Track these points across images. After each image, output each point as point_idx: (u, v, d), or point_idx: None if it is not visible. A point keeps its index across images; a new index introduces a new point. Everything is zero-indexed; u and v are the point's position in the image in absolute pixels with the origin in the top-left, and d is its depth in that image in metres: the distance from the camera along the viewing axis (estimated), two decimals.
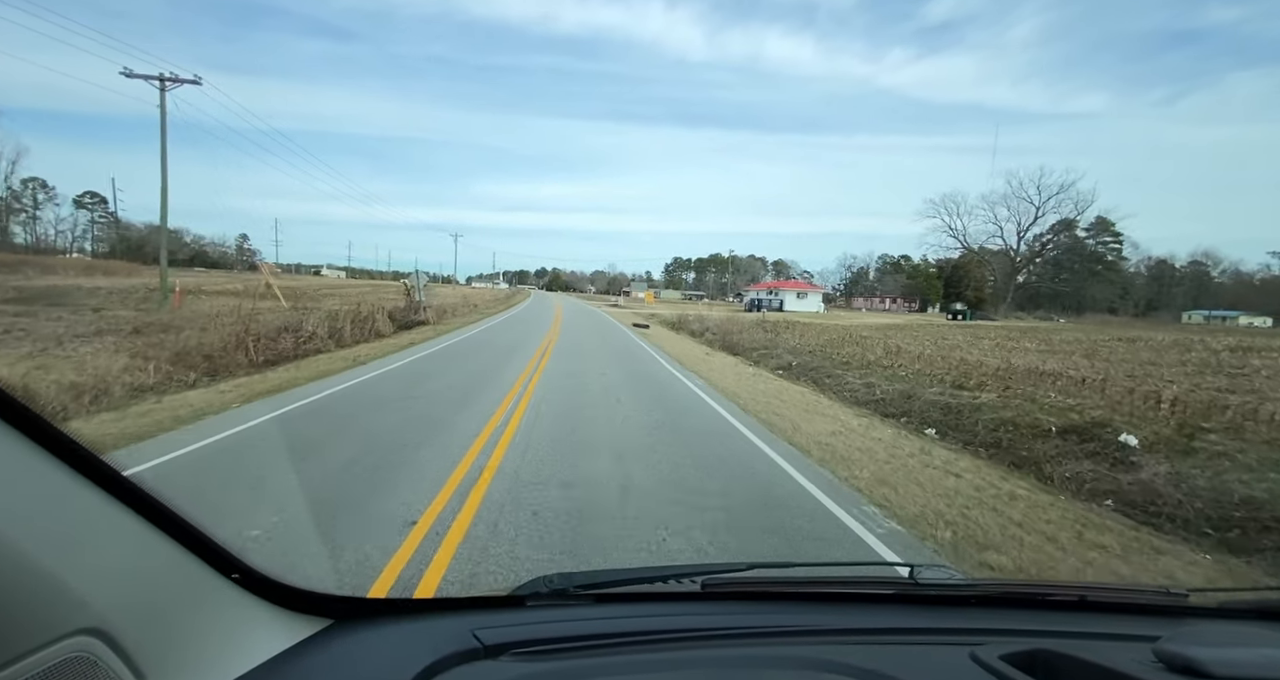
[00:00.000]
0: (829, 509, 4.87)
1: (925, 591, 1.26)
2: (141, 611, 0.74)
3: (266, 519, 3.91)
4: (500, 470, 5.31)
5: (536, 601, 1.18)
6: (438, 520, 4.11)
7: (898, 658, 1.02)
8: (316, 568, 3.39)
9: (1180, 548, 4.70)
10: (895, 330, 29.60)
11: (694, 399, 9.77)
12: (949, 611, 1.24)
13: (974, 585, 1.37)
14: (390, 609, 1.14)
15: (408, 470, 5.20)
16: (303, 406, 7.74)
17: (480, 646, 1.00)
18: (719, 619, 1.18)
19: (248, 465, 5.31)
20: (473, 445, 6.08)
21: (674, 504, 4.66)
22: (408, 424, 6.91)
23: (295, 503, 4.28)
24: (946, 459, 6.92)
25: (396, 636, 1.04)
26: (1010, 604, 1.29)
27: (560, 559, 3.61)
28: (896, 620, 1.20)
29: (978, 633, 1.11)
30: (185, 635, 0.80)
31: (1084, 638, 1.10)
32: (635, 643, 1.06)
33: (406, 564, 3.45)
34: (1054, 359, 16.60)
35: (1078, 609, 1.28)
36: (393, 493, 4.61)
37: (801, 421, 8.38)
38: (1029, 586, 1.57)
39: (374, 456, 5.54)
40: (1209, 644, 0.87)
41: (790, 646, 1.07)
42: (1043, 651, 0.96)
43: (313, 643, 0.97)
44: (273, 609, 0.97)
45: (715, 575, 1.27)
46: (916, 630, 1.17)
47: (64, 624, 0.63)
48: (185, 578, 0.84)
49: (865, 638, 1.12)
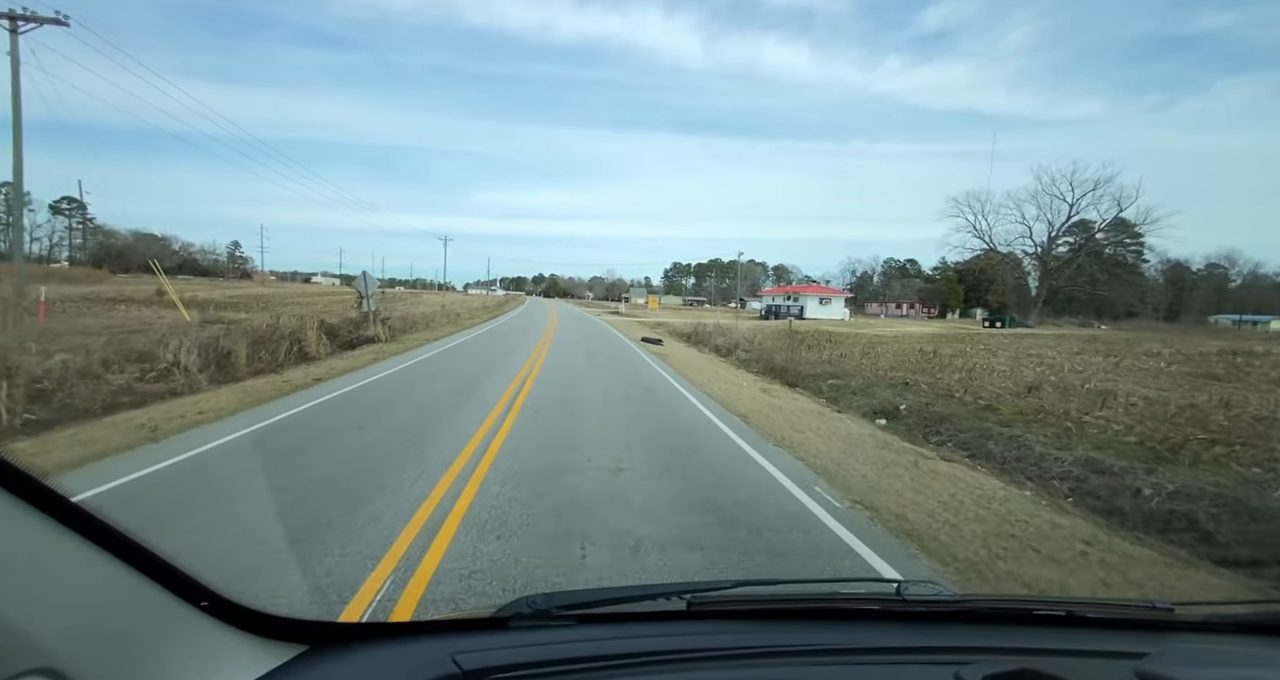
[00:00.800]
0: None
1: (912, 608, 1.24)
2: (100, 647, 0.70)
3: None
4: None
5: (519, 623, 1.15)
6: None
7: (885, 677, 1.02)
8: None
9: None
10: (946, 342, 24.71)
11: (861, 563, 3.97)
12: (936, 629, 1.23)
13: (961, 602, 1.31)
14: (366, 633, 1.11)
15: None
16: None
17: (459, 672, 0.96)
18: (705, 639, 1.16)
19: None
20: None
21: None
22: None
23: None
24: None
25: (372, 662, 1.00)
26: (997, 620, 1.28)
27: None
28: (883, 638, 1.18)
29: (964, 651, 1.10)
30: (149, 670, 0.75)
31: (1070, 655, 1.10)
32: (620, 666, 1.04)
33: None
34: (1227, 387, 11.79)
35: (1064, 625, 1.27)
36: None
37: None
38: (1016, 602, 1.57)
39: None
40: (1189, 664, 0.91)
41: (776, 667, 1.07)
42: (1028, 671, 0.95)
43: (285, 671, 0.93)
44: (244, 636, 0.93)
45: (701, 593, 1.26)
46: (903, 649, 1.14)
47: (14, 665, 0.60)
48: (148, 608, 0.79)
49: (852, 657, 1.11)
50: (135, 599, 0.78)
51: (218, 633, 0.89)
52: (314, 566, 3.42)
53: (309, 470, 5.28)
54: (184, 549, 2.87)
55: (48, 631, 0.63)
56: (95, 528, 0.73)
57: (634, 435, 7.24)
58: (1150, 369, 15.82)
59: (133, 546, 0.77)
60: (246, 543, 3.72)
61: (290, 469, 5.30)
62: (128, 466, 5.27)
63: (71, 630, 0.67)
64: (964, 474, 6.43)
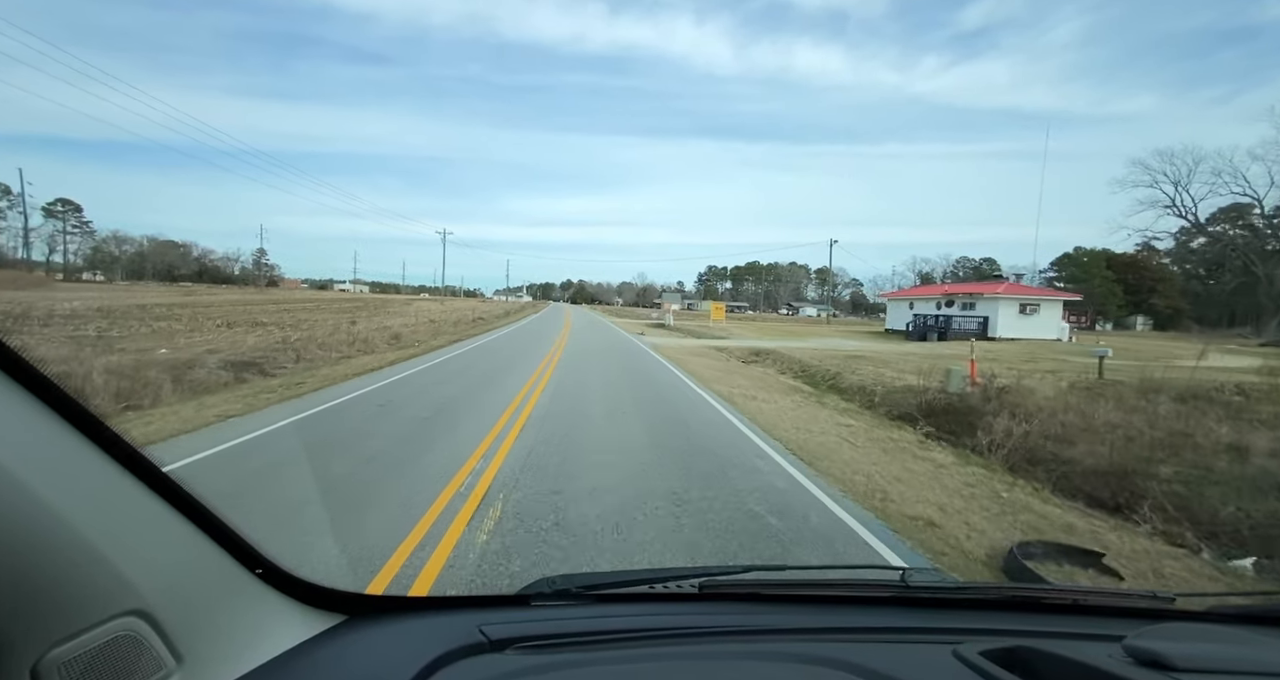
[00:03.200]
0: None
1: (916, 594, 1.25)
2: (179, 598, 0.77)
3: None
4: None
5: (540, 601, 1.19)
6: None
7: (885, 654, 1.03)
8: None
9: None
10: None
11: None
12: (939, 613, 1.24)
13: (964, 589, 1.37)
14: (401, 605, 1.16)
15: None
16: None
17: (486, 641, 1.02)
18: (715, 619, 1.19)
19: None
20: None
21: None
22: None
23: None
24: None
25: (406, 631, 1.05)
26: (999, 607, 1.28)
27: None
28: (887, 620, 1.20)
29: (965, 632, 1.11)
30: (215, 623, 0.83)
31: (1066, 638, 1.11)
32: (634, 638, 1.08)
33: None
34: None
35: (1065, 612, 1.27)
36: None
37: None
38: (1017, 589, 1.46)
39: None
40: (1176, 640, 0.90)
41: (783, 643, 1.08)
42: (1022, 648, 0.97)
43: (327, 636, 0.99)
44: (291, 603, 0.99)
45: (713, 577, 1.28)
46: (905, 629, 1.17)
47: (116, 604, 0.68)
48: (217, 570, 0.87)
49: (855, 636, 1.14)
50: (205, 560, 0.85)
51: (271, 598, 0.96)
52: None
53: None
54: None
55: (144, 580, 0.71)
56: (176, 495, 0.80)
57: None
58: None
59: (204, 513, 0.84)
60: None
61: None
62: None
63: (159, 581, 0.74)
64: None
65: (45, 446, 0.65)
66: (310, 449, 5.85)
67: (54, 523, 0.62)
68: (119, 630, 0.67)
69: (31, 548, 0.60)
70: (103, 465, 0.71)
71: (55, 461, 0.66)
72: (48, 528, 0.61)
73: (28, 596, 0.60)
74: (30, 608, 0.60)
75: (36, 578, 0.60)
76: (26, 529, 0.59)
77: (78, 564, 0.63)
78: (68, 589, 0.62)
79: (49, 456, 0.65)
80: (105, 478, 0.71)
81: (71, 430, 0.68)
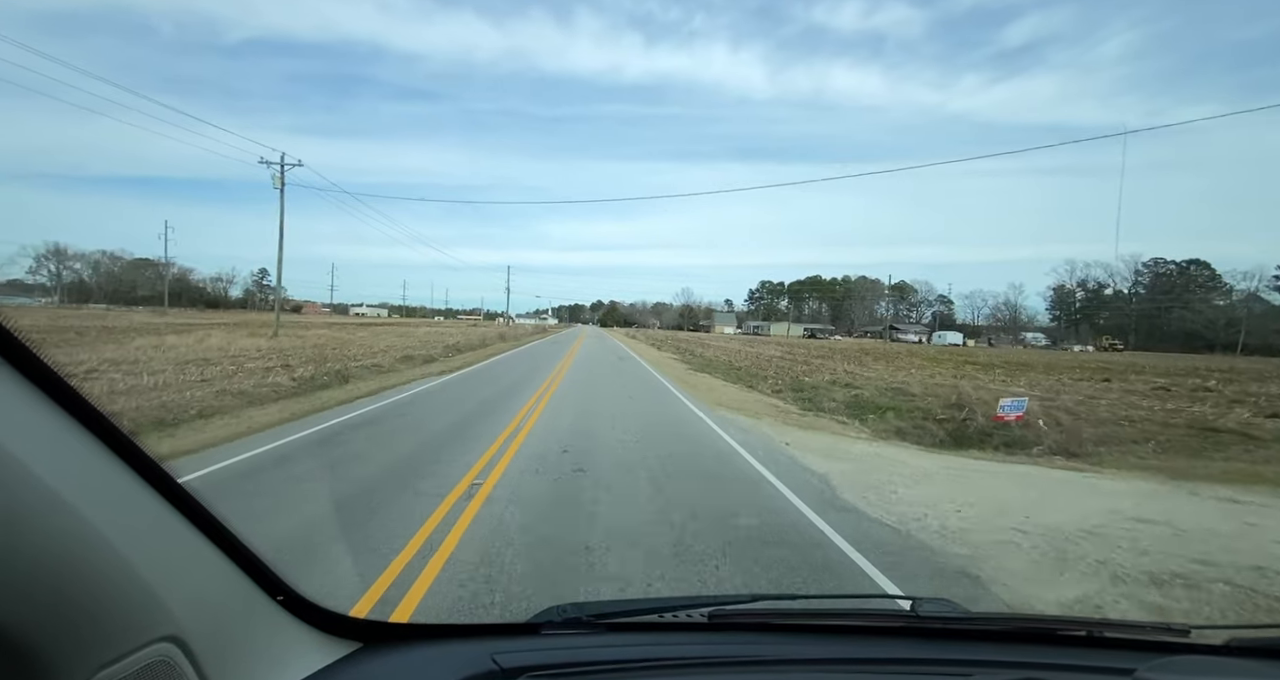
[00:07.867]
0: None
1: (927, 625, 1.24)
2: (209, 624, 0.77)
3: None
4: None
5: (551, 629, 1.20)
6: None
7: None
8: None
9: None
10: None
11: None
12: (949, 644, 1.23)
13: (974, 619, 1.34)
14: (415, 634, 1.18)
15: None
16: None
17: (498, 669, 1.03)
18: (725, 649, 1.19)
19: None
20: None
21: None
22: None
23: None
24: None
25: (420, 659, 1.08)
26: (1010, 638, 1.26)
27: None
28: (897, 651, 1.19)
29: (975, 664, 1.11)
30: (241, 650, 0.83)
31: (1077, 671, 1.11)
32: (644, 668, 1.09)
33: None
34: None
35: (1077, 644, 1.25)
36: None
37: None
38: (1029, 622, 1.48)
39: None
40: (1189, 674, 0.93)
41: (792, 674, 1.09)
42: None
43: (345, 664, 1.01)
44: (310, 630, 1.01)
45: (721, 607, 1.29)
46: (916, 661, 1.16)
47: (154, 629, 0.67)
48: (242, 597, 0.88)
49: (865, 667, 1.13)
50: (231, 586, 0.85)
51: (290, 625, 0.97)
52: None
53: None
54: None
55: (174, 602, 0.70)
56: (207, 521, 0.79)
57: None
58: None
59: (231, 538, 0.83)
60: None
61: None
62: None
63: (192, 608, 0.73)
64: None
65: (87, 469, 0.66)
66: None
67: (98, 544, 0.61)
68: (155, 656, 0.67)
69: (76, 570, 0.59)
70: (138, 487, 0.71)
71: (96, 483, 0.66)
72: (93, 550, 0.61)
73: (74, 620, 0.59)
74: (75, 631, 0.59)
75: (82, 599, 0.59)
76: (73, 551, 0.59)
77: (120, 586, 0.63)
78: (111, 612, 0.62)
79: (91, 478, 0.66)
80: (140, 500, 0.71)
81: (108, 451, 0.68)
